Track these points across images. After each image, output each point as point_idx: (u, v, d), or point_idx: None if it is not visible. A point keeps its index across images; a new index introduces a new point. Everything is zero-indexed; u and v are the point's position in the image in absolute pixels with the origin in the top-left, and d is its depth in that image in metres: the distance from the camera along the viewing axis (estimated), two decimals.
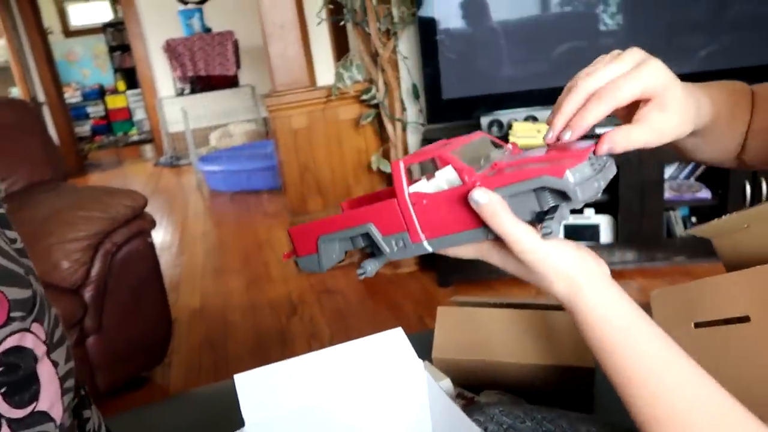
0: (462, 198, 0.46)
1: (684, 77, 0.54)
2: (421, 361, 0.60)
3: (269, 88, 2.62)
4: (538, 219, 0.46)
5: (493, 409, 0.66)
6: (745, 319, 0.44)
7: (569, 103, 0.50)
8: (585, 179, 0.42)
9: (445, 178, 0.52)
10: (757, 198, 2.07)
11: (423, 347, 1.00)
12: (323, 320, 2.20)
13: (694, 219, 2.29)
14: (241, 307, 2.38)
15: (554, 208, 0.44)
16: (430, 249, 0.51)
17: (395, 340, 0.60)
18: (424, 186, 0.52)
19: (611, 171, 0.47)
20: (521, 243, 0.46)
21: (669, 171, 2.26)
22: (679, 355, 0.44)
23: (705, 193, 2.17)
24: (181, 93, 5.40)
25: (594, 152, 0.46)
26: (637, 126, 0.48)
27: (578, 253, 0.47)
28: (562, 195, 0.43)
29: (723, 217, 0.53)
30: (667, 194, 2.16)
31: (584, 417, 0.65)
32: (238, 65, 5.48)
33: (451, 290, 2.30)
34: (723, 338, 0.47)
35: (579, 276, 0.46)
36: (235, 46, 5.36)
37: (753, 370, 0.45)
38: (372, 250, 0.57)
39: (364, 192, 2.65)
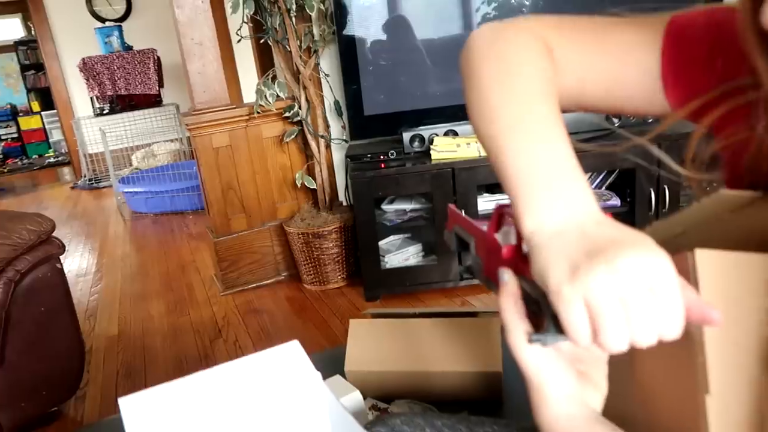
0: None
1: None
2: (319, 373, 0.59)
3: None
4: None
5: (394, 420, 0.66)
6: None
7: None
8: None
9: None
10: (660, 203, 2.20)
11: (341, 361, 0.99)
12: (249, 341, 2.15)
13: None
14: (162, 332, 2.29)
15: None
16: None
17: (292, 353, 0.59)
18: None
19: None
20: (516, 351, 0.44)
21: None
22: None
23: (615, 201, 2.29)
24: (100, 113, 5.20)
25: None
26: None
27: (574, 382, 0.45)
28: None
29: (654, 223, 0.53)
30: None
31: (484, 420, 0.67)
32: (161, 83, 5.33)
33: (378, 304, 2.30)
34: None
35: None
36: (158, 63, 5.22)
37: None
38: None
39: (290, 209, 2.63)
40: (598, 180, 2.38)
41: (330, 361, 1.00)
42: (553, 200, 0.43)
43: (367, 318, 0.99)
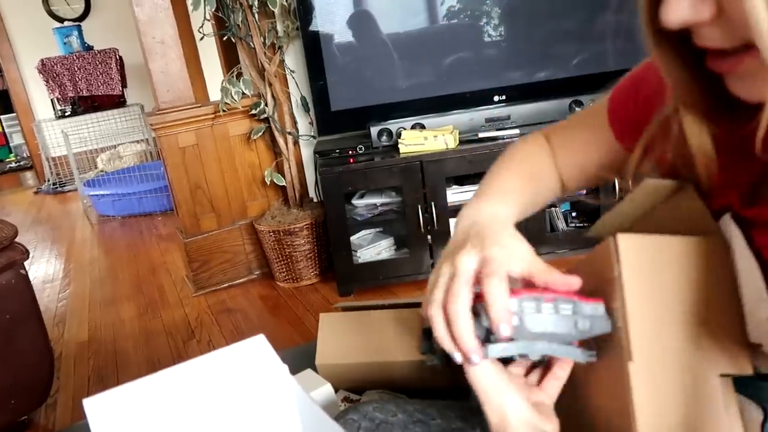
0: None
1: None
2: (286, 366, 0.60)
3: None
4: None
5: (366, 407, 0.67)
6: (592, 293, 0.47)
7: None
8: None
9: None
10: (625, 191, 2.25)
11: (314, 356, 1.00)
12: (223, 341, 2.14)
13: (574, 214, 2.46)
14: (134, 336, 2.27)
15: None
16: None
17: (258, 348, 0.60)
18: None
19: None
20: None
21: None
22: None
23: (581, 191, 2.33)
24: (62, 115, 5.08)
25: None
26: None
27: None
28: None
29: (604, 215, 0.57)
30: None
31: (452, 404, 0.68)
32: (124, 84, 5.23)
33: (352, 299, 2.31)
34: None
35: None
36: (120, 63, 5.11)
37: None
38: None
39: (260, 207, 2.61)
40: None
41: (302, 356, 1.00)
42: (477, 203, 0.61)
43: (338, 311, 0.99)
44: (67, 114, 5.06)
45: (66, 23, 5.37)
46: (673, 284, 0.43)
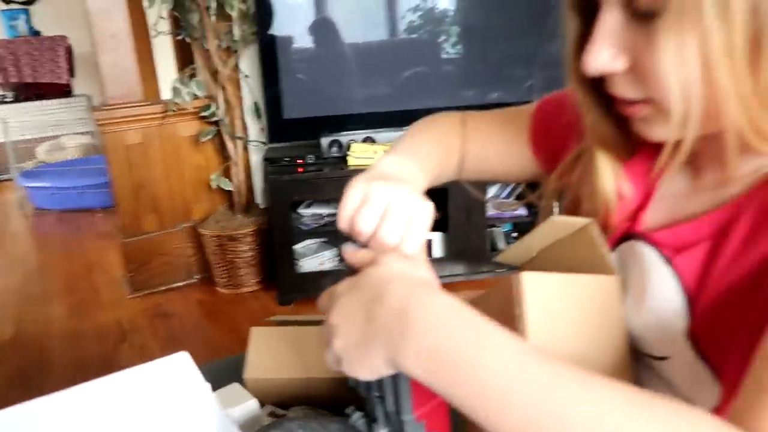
0: None
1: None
2: (208, 384, 0.60)
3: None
4: None
5: (290, 423, 0.68)
6: None
7: None
8: None
9: None
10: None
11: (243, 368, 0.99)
12: (156, 346, 2.09)
13: (515, 234, 2.53)
14: (62, 336, 2.18)
15: None
16: None
17: (181, 364, 0.59)
18: None
19: None
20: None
21: (492, 191, 2.47)
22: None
23: (522, 211, 2.41)
24: (2, 101, 4.87)
25: None
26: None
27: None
28: None
29: (513, 244, 0.59)
30: (490, 212, 2.36)
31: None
32: (72, 73, 5.05)
33: (291, 309, 2.30)
34: None
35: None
36: (69, 52, 4.94)
37: None
38: None
39: (205, 210, 2.57)
40: (507, 191, 2.49)
41: (232, 369, 1.00)
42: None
43: (270, 325, 0.99)
44: (7, 100, 4.85)
45: (12, 5, 5.16)
46: (571, 322, 0.46)
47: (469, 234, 2.33)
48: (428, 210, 0.53)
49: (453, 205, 2.28)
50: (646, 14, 0.40)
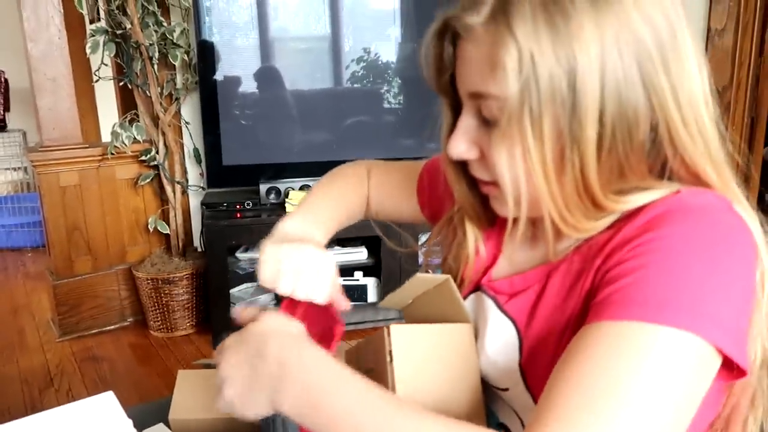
0: None
1: None
2: (130, 421, 0.66)
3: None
4: None
5: None
6: (371, 371, 0.59)
7: None
8: None
9: None
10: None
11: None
12: (84, 392, 2.06)
13: None
14: None
15: None
16: None
17: (105, 404, 0.65)
18: None
19: None
20: None
21: (423, 238, 2.59)
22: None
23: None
24: None
25: None
26: None
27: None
28: None
29: (392, 293, 0.70)
30: (421, 259, 2.47)
31: None
32: (7, 107, 4.95)
33: None
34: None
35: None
36: (5, 86, 4.85)
37: None
38: None
39: (140, 253, 2.58)
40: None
41: (159, 410, 1.04)
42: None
43: (197, 368, 1.05)
44: None
45: None
46: (432, 365, 0.56)
47: (401, 280, 2.42)
48: (332, 262, 0.65)
49: (385, 252, 2.39)
50: (490, 122, 0.53)
